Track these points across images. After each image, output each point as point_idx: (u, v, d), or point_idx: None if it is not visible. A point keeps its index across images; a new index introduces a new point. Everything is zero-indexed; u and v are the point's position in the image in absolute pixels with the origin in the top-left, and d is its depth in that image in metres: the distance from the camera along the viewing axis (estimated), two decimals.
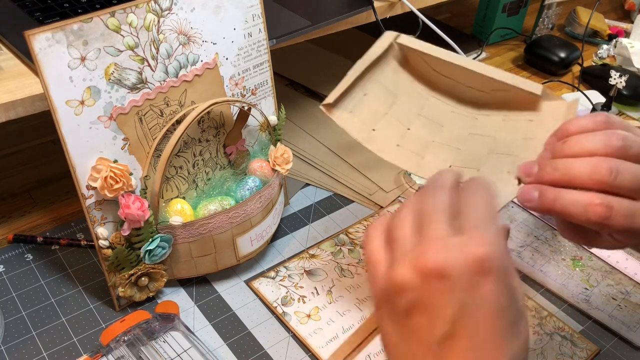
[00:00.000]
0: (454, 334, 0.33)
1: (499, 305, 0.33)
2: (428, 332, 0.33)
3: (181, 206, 0.60)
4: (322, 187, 0.79)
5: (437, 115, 0.52)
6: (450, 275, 0.32)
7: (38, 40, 0.48)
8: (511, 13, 1.14)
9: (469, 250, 0.33)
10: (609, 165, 0.38)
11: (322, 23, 0.73)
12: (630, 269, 0.68)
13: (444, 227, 0.35)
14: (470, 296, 0.33)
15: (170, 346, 0.56)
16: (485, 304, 0.33)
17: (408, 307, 0.34)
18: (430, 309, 0.33)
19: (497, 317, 0.33)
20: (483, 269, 0.32)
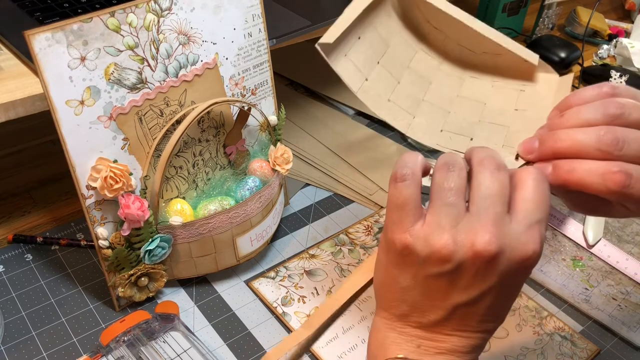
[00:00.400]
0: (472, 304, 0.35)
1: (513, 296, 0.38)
2: (450, 294, 0.35)
3: (181, 206, 0.60)
4: (322, 187, 0.79)
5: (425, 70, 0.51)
6: (498, 262, 0.34)
7: (38, 40, 0.48)
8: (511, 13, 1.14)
9: (523, 246, 0.34)
10: (614, 135, 0.36)
11: (322, 23, 0.73)
12: (630, 269, 0.68)
13: (500, 209, 0.35)
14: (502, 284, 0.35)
15: (170, 346, 0.56)
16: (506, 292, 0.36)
17: (442, 272, 0.35)
18: (459, 281, 0.35)
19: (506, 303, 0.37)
20: (527, 266, 0.35)
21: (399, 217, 0.36)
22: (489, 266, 0.34)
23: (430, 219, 0.35)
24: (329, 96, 0.95)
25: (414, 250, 0.35)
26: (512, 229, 0.35)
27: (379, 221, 0.74)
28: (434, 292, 0.36)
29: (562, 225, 0.73)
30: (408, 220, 0.36)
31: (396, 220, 0.36)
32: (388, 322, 0.39)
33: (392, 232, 0.37)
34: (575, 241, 0.72)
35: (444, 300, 0.36)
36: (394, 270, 0.37)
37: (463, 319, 0.36)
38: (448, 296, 0.36)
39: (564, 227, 0.73)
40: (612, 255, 0.70)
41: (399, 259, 0.36)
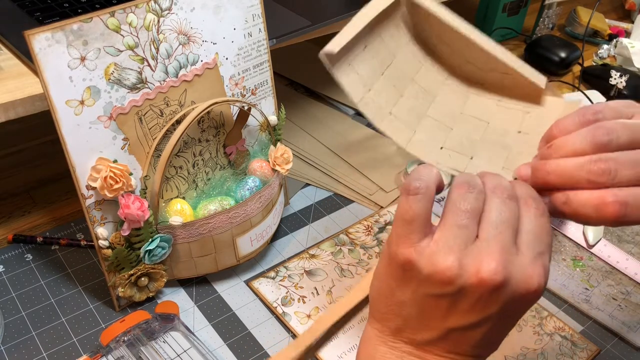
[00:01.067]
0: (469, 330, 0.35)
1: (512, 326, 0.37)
2: (448, 316, 0.35)
3: (181, 206, 0.60)
4: (322, 187, 0.79)
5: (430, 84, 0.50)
6: (502, 293, 0.33)
7: (38, 40, 0.48)
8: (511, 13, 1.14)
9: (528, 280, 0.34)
10: (605, 165, 0.35)
11: (322, 23, 0.73)
12: (631, 269, 0.68)
13: (509, 239, 0.34)
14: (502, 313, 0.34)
15: (170, 346, 0.56)
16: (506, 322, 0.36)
17: (440, 295, 0.34)
18: (459, 305, 0.34)
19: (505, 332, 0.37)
20: (530, 299, 0.35)
21: (407, 231, 0.35)
22: (492, 295, 0.33)
23: (439, 238, 0.34)
24: (329, 96, 0.95)
25: (416, 266, 0.34)
26: (518, 260, 0.34)
27: (379, 221, 0.74)
28: (431, 312, 0.35)
29: (562, 225, 0.73)
30: (415, 235, 0.35)
31: (402, 234, 0.35)
32: (380, 334, 0.38)
33: (396, 245, 0.35)
34: (576, 241, 0.72)
35: (440, 322, 0.35)
36: (393, 283, 0.36)
37: (457, 342, 0.35)
38: (445, 319, 0.35)
39: (564, 227, 0.73)
40: (613, 255, 0.70)
41: (400, 273, 0.36)
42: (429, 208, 0.35)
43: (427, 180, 0.36)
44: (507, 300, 0.34)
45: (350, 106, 0.93)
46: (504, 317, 0.35)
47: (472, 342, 0.35)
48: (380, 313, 0.38)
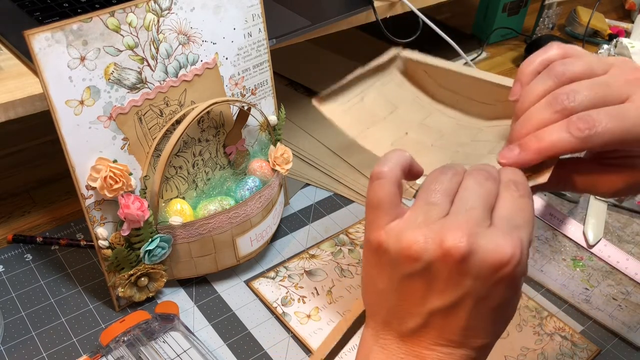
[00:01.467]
0: (449, 311, 0.33)
1: (498, 309, 0.34)
2: (424, 298, 0.34)
3: (181, 206, 0.60)
4: (322, 187, 0.79)
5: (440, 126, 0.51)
6: (471, 264, 0.32)
7: (38, 40, 0.48)
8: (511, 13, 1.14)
9: (497, 248, 0.32)
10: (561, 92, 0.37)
11: (322, 23, 0.73)
12: (631, 269, 0.68)
13: (480, 214, 0.33)
14: (479, 289, 0.33)
15: (170, 346, 0.56)
16: (488, 303, 0.33)
17: (411, 273, 0.33)
18: (434, 284, 0.33)
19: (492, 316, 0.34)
20: (503, 271, 0.32)
21: (374, 216, 0.35)
22: (461, 267, 0.32)
23: (408, 217, 0.34)
24: None
25: (387, 248, 0.34)
26: (488, 231, 0.33)
27: None
28: (408, 296, 0.34)
29: (562, 225, 0.73)
30: (383, 219, 0.35)
31: (371, 220, 0.35)
32: (372, 332, 0.37)
33: (368, 232, 0.35)
34: (576, 241, 0.72)
35: (419, 305, 0.34)
36: (372, 271, 0.36)
37: (442, 329, 0.34)
38: (423, 301, 0.34)
39: (564, 227, 0.73)
40: (613, 255, 0.70)
41: (376, 258, 0.35)
42: (393, 191, 0.35)
43: (392, 163, 0.36)
44: (478, 274, 0.32)
45: None
46: (483, 296, 0.33)
47: (457, 327, 0.34)
48: (369, 307, 0.37)
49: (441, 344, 0.35)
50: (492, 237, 0.32)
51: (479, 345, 0.35)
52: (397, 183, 0.35)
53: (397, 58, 0.53)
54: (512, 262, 0.32)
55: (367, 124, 0.50)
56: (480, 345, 0.35)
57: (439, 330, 0.34)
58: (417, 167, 0.38)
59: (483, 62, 1.10)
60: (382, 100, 0.52)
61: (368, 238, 0.36)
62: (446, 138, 0.50)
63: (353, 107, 0.50)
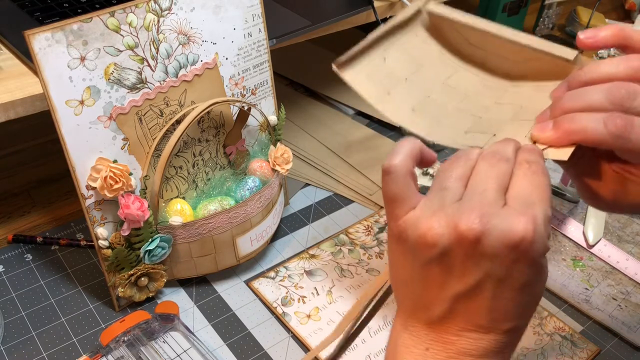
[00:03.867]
0: (471, 295, 0.34)
1: (523, 289, 0.34)
2: (445, 285, 0.34)
3: (181, 206, 0.60)
4: (322, 187, 0.79)
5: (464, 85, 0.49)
6: (486, 245, 0.32)
7: (38, 40, 0.48)
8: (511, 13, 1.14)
9: (511, 226, 0.32)
10: (627, 87, 0.36)
11: (322, 23, 0.73)
12: (631, 269, 0.68)
13: (493, 195, 0.33)
14: (497, 270, 0.33)
15: (170, 346, 0.56)
16: (510, 284, 0.33)
17: (431, 260, 0.34)
18: (453, 269, 0.33)
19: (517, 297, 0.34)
20: (518, 250, 0.32)
21: (392, 208, 0.36)
22: (477, 249, 0.32)
23: (423, 203, 0.35)
24: (329, 96, 0.95)
25: (406, 237, 0.34)
26: (502, 211, 0.33)
27: (379, 221, 0.74)
28: (430, 283, 0.35)
29: (562, 225, 0.73)
30: (400, 210, 0.35)
31: (390, 212, 0.36)
32: (401, 320, 0.37)
33: (389, 223, 0.36)
34: (576, 241, 0.72)
35: (442, 291, 0.34)
36: (396, 261, 0.36)
37: (468, 314, 0.34)
38: (445, 286, 0.34)
39: (564, 227, 0.73)
40: (612, 255, 0.70)
41: (399, 248, 0.36)
42: (406, 183, 0.35)
43: (402, 155, 0.36)
44: (495, 254, 0.32)
45: (351, 106, 0.93)
46: (502, 276, 0.33)
47: (482, 310, 0.34)
48: (397, 297, 0.38)
49: (469, 329, 0.35)
50: (506, 216, 0.32)
51: (509, 328, 0.34)
52: (409, 174, 0.36)
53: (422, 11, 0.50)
54: (527, 240, 0.32)
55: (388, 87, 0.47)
56: (509, 329, 0.35)
57: (464, 316, 0.34)
58: (428, 154, 0.38)
59: None
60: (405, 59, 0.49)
61: (390, 229, 0.36)
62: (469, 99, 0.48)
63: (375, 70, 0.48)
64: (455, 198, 0.34)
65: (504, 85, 0.50)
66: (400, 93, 0.48)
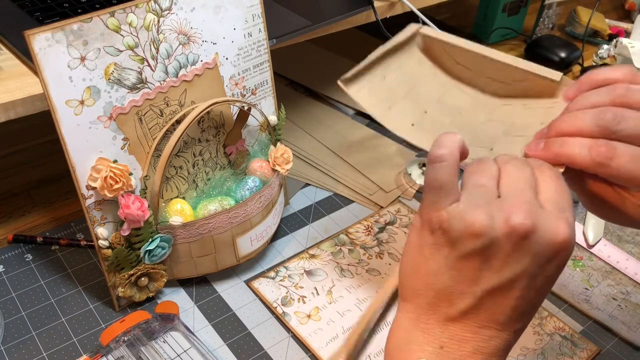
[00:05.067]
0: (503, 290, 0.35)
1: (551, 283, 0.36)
2: (481, 278, 0.35)
3: (181, 206, 0.60)
4: (322, 187, 0.79)
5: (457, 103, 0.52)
6: (533, 242, 0.34)
7: (38, 40, 0.48)
8: (511, 13, 1.14)
9: (557, 229, 0.34)
10: (613, 112, 0.38)
11: (322, 23, 0.73)
12: (631, 269, 0.68)
13: (531, 195, 0.35)
14: (534, 268, 0.34)
15: (170, 346, 0.56)
16: (537, 282, 0.35)
17: (474, 251, 0.34)
18: (493, 261, 0.34)
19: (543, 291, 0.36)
20: (560, 252, 0.34)
21: (437, 197, 0.36)
22: (523, 243, 0.34)
23: (465, 199, 0.36)
24: (329, 96, 0.95)
25: (449, 227, 0.35)
26: (543, 212, 0.34)
27: (379, 221, 0.74)
28: (464, 275, 0.35)
29: None
30: (445, 200, 0.36)
31: (433, 200, 0.36)
32: (412, 316, 0.37)
33: (428, 212, 0.36)
34: (576, 241, 0.72)
35: (475, 284, 0.35)
36: (426, 251, 0.37)
37: (492, 310, 0.35)
38: (478, 280, 0.35)
39: None
40: (612, 255, 0.70)
41: (434, 238, 0.36)
42: (454, 173, 0.36)
43: (450, 146, 0.37)
44: (538, 251, 0.34)
45: (350, 106, 0.93)
46: (536, 275, 0.34)
47: (507, 309, 0.35)
48: (412, 290, 0.37)
49: (487, 327, 0.35)
50: (549, 218, 0.34)
51: (518, 328, 0.36)
52: (457, 165, 0.37)
53: (417, 35, 0.53)
54: (567, 242, 0.34)
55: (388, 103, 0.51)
56: (519, 329, 0.36)
57: (488, 312, 0.35)
58: (466, 149, 0.39)
59: None
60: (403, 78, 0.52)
61: (429, 217, 0.36)
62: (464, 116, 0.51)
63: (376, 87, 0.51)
64: (494, 195, 0.36)
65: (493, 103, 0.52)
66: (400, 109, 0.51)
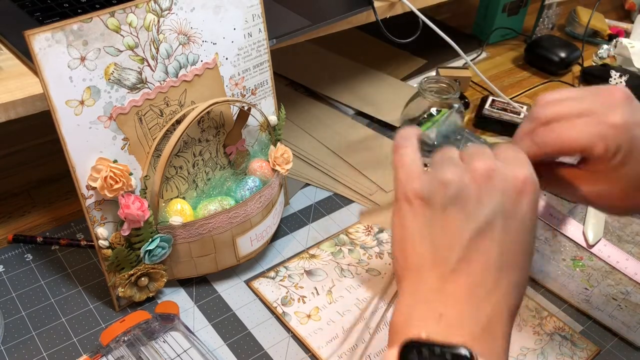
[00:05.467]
0: (485, 232, 0.37)
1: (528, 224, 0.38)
2: (462, 226, 0.37)
3: (181, 206, 0.60)
4: (322, 187, 0.79)
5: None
6: (497, 180, 0.37)
7: (38, 40, 0.48)
8: (511, 13, 1.14)
9: (514, 169, 0.38)
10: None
11: (322, 23, 0.73)
12: (631, 269, 0.68)
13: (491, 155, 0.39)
14: (507, 204, 0.37)
15: (170, 346, 0.56)
16: (518, 218, 0.37)
17: (448, 200, 0.37)
18: (470, 204, 0.37)
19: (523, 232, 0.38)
20: (524, 188, 0.38)
21: (407, 172, 0.40)
22: (489, 183, 0.37)
23: (433, 167, 0.40)
24: (329, 96, 0.95)
25: (422, 189, 0.38)
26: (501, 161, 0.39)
27: None
28: (446, 228, 0.37)
29: (562, 225, 0.73)
30: (416, 172, 0.40)
31: (405, 176, 0.40)
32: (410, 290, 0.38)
33: (403, 186, 0.40)
34: (575, 241, 0.72)
35: (458, 233, 0.37)
36: (407, 222, 0.39)
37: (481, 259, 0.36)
38: (460, 228, 0.37)
39: (564, 227, 0.73)
40: (612, 255, 0.70)
41: (411, 207, 0.39)
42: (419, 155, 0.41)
43: (411, 135, 0.43)
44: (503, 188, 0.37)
45: (350, 106, 0.93)
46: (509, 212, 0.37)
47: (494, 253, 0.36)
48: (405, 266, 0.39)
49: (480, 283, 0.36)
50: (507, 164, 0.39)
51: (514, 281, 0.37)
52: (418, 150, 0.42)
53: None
54: (530, 179, 0.38)
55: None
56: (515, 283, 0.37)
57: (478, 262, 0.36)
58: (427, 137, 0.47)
59: (483, 62, 1.10)
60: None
61: (404, 191, 0.40)
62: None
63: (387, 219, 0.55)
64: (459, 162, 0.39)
65: None
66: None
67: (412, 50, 1.09)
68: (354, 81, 0.98)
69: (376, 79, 1.00)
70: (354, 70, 1.01)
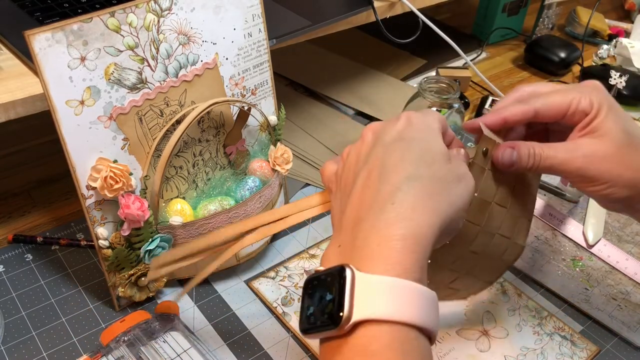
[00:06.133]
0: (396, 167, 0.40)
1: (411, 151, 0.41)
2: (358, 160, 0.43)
3: (181, 206, 0.60)
4: (322, 187, 0.79)
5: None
6: (378, 131, 0.44)
7: (38, 40, 0.48)
8: (511, 13, 1.14)
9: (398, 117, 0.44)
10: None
11: (322, 23, 0.73)
12: (630, 269, 0.68)
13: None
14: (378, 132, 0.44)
15: (170, 346, 0.56)
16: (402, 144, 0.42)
17: (352, 153, 0.44)
18: (363, 148, 0.43)
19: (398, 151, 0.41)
20: (405, 119, 0.43)
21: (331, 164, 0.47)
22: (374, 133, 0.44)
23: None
24: (329, 96, 0.95)
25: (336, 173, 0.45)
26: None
27: None
28: (347, 166, 0.44)
29: (562, 225, 0.74)
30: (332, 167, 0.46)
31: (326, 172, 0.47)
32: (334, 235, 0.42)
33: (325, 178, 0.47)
34: (575, 241, 0.72)
35: (356, 163, 0.43)
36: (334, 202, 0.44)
37: (405, 199, 0.38)
38: (357, 160, 0.43)
39: (564, 227, 0.73)
40: (612, 255, 0.70)
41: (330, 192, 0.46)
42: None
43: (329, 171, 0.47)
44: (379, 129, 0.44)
45: (350, 106, 0.93)
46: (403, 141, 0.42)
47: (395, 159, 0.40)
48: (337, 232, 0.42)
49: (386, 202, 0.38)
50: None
51: (430, 223, 0.38)
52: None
53: None
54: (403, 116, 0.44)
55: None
56: (430, 224, 0.38)
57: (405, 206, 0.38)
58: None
59: (483, 62, 1.10)
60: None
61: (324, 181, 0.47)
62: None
63: None
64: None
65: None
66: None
67: (412, 50, 1.09)
68: (353, 81, 0.98)
69: (376, 79, 1.00)
70: (354, 70, 1.01)
